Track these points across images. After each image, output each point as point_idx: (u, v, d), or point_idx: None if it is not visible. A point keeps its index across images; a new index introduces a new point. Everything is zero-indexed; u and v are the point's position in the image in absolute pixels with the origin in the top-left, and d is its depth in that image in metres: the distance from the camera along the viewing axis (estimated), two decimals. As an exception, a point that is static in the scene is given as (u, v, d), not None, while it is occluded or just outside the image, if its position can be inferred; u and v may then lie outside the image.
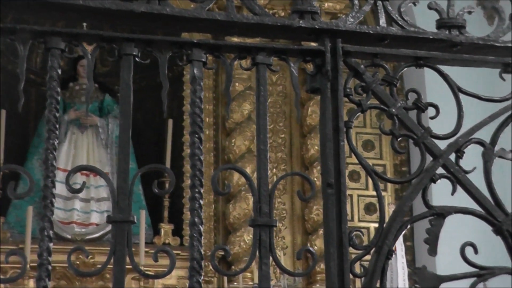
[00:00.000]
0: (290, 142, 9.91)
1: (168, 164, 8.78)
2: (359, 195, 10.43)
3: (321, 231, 9.55)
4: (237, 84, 9.45)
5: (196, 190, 2.48)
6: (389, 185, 10.12)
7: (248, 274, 9.03)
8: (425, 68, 2.74)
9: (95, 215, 9.41)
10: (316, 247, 9.17)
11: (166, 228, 9.27)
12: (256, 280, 9.03)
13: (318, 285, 9.25)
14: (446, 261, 2.68)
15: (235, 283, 9.11)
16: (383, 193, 9.80)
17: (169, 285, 9.17)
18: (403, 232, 2.66)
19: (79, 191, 2.55)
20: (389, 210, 9.59)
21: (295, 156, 9.90)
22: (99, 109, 9.94)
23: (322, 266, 2.72)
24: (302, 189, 9.59)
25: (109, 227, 9.25)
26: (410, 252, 10.31)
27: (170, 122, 9.35)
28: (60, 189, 2.29)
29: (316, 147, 9.87)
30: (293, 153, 9.90)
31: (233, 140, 9.64)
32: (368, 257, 2.57)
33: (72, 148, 9.44)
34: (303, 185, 9.53)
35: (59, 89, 2.42)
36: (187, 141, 9.72)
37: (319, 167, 9.66)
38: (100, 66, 10.69)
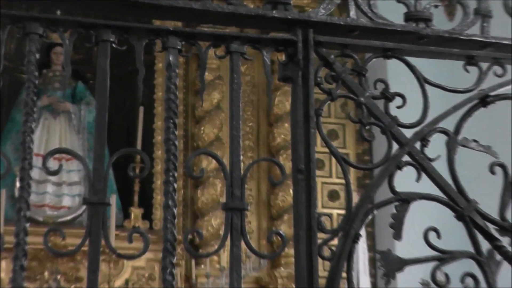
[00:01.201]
0: (258, 130, 9.94)
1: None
2: (322, 182, 10.45)
3: (286, 217, 9.61)
4: (207, 73, 9.42)
5: (171, 174, 2.48)
6: (352, 173, 10.12)
7: (215, 257, 9.04)
8: (388, 60, 2.76)
9: (67, 198, 9.40)
10: (281, 232, 9.12)
11: (136, 212, 9.27)
12: (223, 263, 9.05)
13: (282, 268, 9.29)
14: (406, 246, 2.67)
15: (202, 266, 9.12)
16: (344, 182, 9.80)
17: (138, 266, 9.17)
18: (367, 218, 2.66)
19: (55, 173, 2.51)
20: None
21: (262, 144, 9.93)
22: (71, 96, 9.91)
23: (287, 250, 2.72)
24: (268, 174, 9.63)
25: (80, 210, 9.28)
26: (370, 237, 10.38)
27: (141, 109, 9.32)
28: (32, 173, 2.27)
29: (283, 136, 9.91)
30: (260, 141, 9.93)
31: (202, 128, 9.65)
32: (335, 242, 2.57)
33: (45, 133, 9.41)
34: (269, 171, 9.56)
35: (36, 73, 2.41)
36: (158, 128, 9.78)
37: (285, 155, 9.82)
38: (73, 54, 10.63)
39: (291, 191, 9.56)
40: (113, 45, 2.46)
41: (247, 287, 8.83)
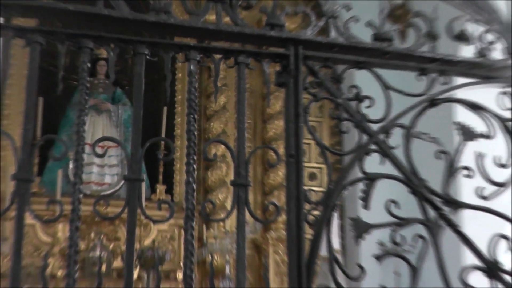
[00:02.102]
0: (254, 126, 9.91)
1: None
2: (304, 166, 10.40)
3: (275, 193, 9.60)
4: (213, 83, 9.43)
5: (191, 157, 2.48)
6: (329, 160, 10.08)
7: (221, 223, 9.05)
8: (356, 70, 2.76)
9: (108, 177, 9.43)
10: (276, 203, 9.17)
11: (160, 188, 9.24)
12: (227, 228, 9.05)
13: (272, 232, 9.30)
14: (367, 215, 2.67)
15: (211, 230, 9.12)
16: (322, 166, 9.83)
17: (162, 229, 9.15)
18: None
19: (102, 156, 2.50)
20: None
21: (258, 137, 9.92)
22: (111, 99, 9.94)
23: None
24: (262, 160, 9.64)
25: (118, 186, 9.28)
26: (340, 208, 10.40)
27: (165, 109, 9.31)
28: (82, 157, 2.29)
29: (274, 130, 9.90)
30: (256, 134, 9.92)
31: (212, 124, 9.64)
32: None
33: (91, 127, 9.41)
34: (263, 157, 9.55)
35: (88, 78, 2.38)
36: (178, 124, 9.77)
37: (275, 145, 9.82)
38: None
39: (280, 172, 9.65)
40: (147, 56, 2.44)
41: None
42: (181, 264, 9.03)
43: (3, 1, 2.20)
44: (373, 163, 2.68)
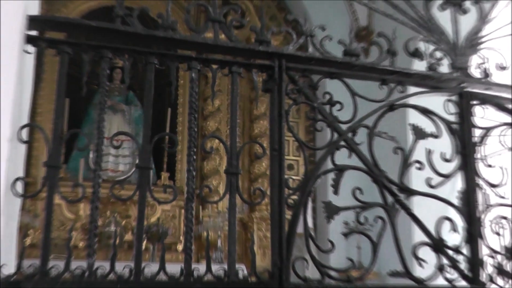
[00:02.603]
0: (243, 125, 9.87)
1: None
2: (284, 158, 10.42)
3: (260, 180, 9.57)
4: (210, 88, 9.40)
5: (192, 149, 2.47)
6: (301, 154, 10.05)
7: (215, 205, 9.02)
8: (329, 80, 2.75)
9: (122, 165, 9.39)
10: (261, 188, 9.18)
11: (165, 175, 9.20)
12: (219, 208, 9.03)
13: (256, 212, 9.29)
14: (337, 201, 2.68)
15: (206, 210, 9.10)
16: (298, 158, 9.82)
17: (165, 209, 9.14)
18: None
19: (118, 147, 2.50)
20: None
21: (245, 134, 9.88)
22: (125, 101, 9.89)
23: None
24: (249, 153, 9.62)
25: (130, 173, 9.24)
26: (313, 195, 10.41)
27: (169, 110, 9.26)
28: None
29: (259, 128, 9.87)
30: (244, 132, 9.88)
31: (208, 122, 9.60)
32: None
33: (108, 124, 9.36)
34: (250, 151, 9.53)
35: (107, 83, 2.37)
36: (179, 122, 9.73)
37: (260, 141, 9.82)
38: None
39: (263, 163, 9.64)
40: (156, 65, 2.43)
41: (234, 223, 8.88)
42: (181, 238, 9.04)
43: (34, 16, 2.18)
44: (342, 156, 2.68)
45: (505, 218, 2.93)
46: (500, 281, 2.81)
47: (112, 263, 2.26)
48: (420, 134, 2.79)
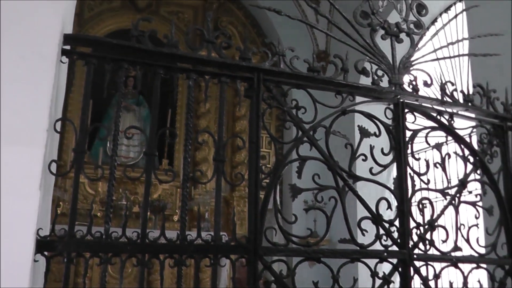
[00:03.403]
0: (227, 123, 9.77)
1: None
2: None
3: (239, 167, 9.54)
4: (202, 94, 9.31)
5: (188, 141, 2.43)
6: (272, 147, 10.00)
7: (203, 185, 8.99)
8: (296, 89, 2.74)
9: (132, 153, 9.31)
10: (241, 173, 9.18)
11: (165, 161, 9.12)
12: (207, 188, 9.01)
13: (236, 192, 9.29)
14: (300, 183, 2.68)
15: (197, 189, 9.07)
16: (269, 150, 9.82)
17: (164, 188, 9.07)
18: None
19: (130, 138, 2.49)
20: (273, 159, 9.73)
21: (229, 130, 9.79)
22: (136, 102, 9.76)
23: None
24: (231, 146, 9.54)
25: (138, 159, 9.18)
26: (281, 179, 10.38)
27: (170, 111, 9.14)
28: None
29: (240, 127, 9.84)
30: (228, 129, 9.81)
31: (200, 121, 9.50)
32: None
33: (122, 120, 9.26)
34: (232, 144, 9.48)
35: (123, 88, 2.34)
36: (177, 120, 9.64)
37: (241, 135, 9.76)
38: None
39: (242, 154, 9.61)
40: (162, 75, 2.40)
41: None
42: (177, 211, 9.01)
43: (69, 34, 2.15)
44: (304, 149, 2.67)
45: (427, 199, 2.96)
46: (421, 246, 2.84)
47: (123, 229, 2.24)
48: (365, 133, 2.80)
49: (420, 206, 2.94)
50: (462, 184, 3.06)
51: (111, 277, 6.82)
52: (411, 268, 2.75)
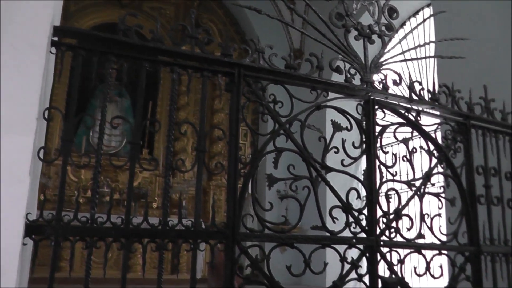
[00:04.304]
0: (207, 116, 9.77)
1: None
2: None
3: (216, 157, 9.54)
4: (183, 87, 9.24)
5: (171, 131, 2.43)
6: (249, 138, 9.99)
7: (182, 174, 8.97)
8: (274, 85, 2.74)
9: (113, 142, 9.21)
10: (221, 162, 9.15)
11: (145, 150, 9.07)
12: (185, 177, 8.98)
13: (213, 181, 9.31)
14: (275, 174, 2.70)
15: (175, 178, 9.04)
16: (245, 142, 9.82)
17: (144, 176, 9.02)
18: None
19: (116, 127, 2.45)
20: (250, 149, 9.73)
21: (207, 123, 9.75)
22: (118, 94, 9.65)
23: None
24: (209, 137, 9.52)
25: (119, 148, 9.10)
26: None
27: (150, 103, 9.05)
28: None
29: (217, 119, 9.82)
30: (206, 121, 9.73)
31: (180, 113, 9.49)
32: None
33: (105, 110, 9.19)
34: (210, 136, 9.44)
35: (111, 78, 2.33)
36: (158, 112, 9.58)
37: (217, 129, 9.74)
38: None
39: (219, 146, 9.61)
40: (147, 68, 2.39)
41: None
42: (156, 198, 8.97)
43: (58, 26, 2.12)
44: (281, 141, 2.68)
45: (394, 190, 3.01)
46: (388, 233, 2.89)
47: (108, 214, 2.24)
48: (337, 127, 2.82)
49: (388, 196, 2.99)
50: (427, 176, 3.13)
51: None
52: (378, 254, 2.81)
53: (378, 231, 2.83)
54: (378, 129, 2.98)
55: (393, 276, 2.85)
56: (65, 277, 3.94)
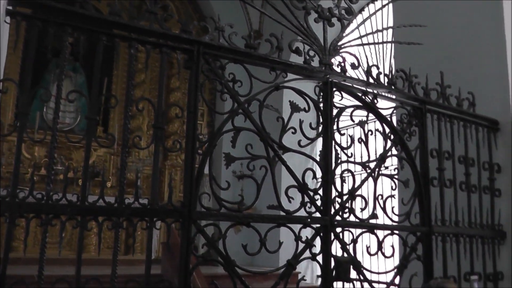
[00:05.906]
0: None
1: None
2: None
3: (172, 136, 9.39)
4: (140, 65, 9.02)
5: (128, 108, 2.39)
6: (205, 118, 9.91)
7: (136, 153, 8.85)
8: (233, 64, 2.73)
9: (68, 118, 8.95)
10: (179, 140, 9.09)
11: (100, 128, 8.84)
12: (140, 156, 8.86)
13: (168, 160, 9.23)
14: (233, 153, 2.71)
15: (130, 157, 8.91)
16: (202, 122, 9.72)
17: (99, 154, 8.85)
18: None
19: (72, 101, 2.40)
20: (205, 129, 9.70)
21: (164, 101, 9.62)
22: (72, 69, 9.36)
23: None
24: (166, 116, 9.33)
25: (74, 125, 8.89)
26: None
27: (106, 79, 8.83)
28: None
29: (174, 98, 9.61)
30: (163, 99, 9.65)
31: (136, 91, 9.21)
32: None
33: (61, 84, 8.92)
34: (168, 114, 9.27)
35: (66, 52, 2.27)
36: (114, 88, 9.37)
37: (173, 108, 9.64)
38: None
39: (175, 124, 9.50)
40: (104, 42, 2.33)
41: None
42: (110, 177, 8.84)
43: None
44: (239, 121, 2.68)
45: (349, 171, 3.08)
46: (342, 213, 2.96)
47: (64, 191, 2.19)
48: (295, 108, 2.85)
49: (343, 177, 3.05)
50: (382, 158, 3.21)
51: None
52: (332, 233, 2.87)
53: (332, 211, 2.89)
54: (335, 111, 3.03)
55: (346, 255, 2.93)
56: (18, 257, 3.83)
